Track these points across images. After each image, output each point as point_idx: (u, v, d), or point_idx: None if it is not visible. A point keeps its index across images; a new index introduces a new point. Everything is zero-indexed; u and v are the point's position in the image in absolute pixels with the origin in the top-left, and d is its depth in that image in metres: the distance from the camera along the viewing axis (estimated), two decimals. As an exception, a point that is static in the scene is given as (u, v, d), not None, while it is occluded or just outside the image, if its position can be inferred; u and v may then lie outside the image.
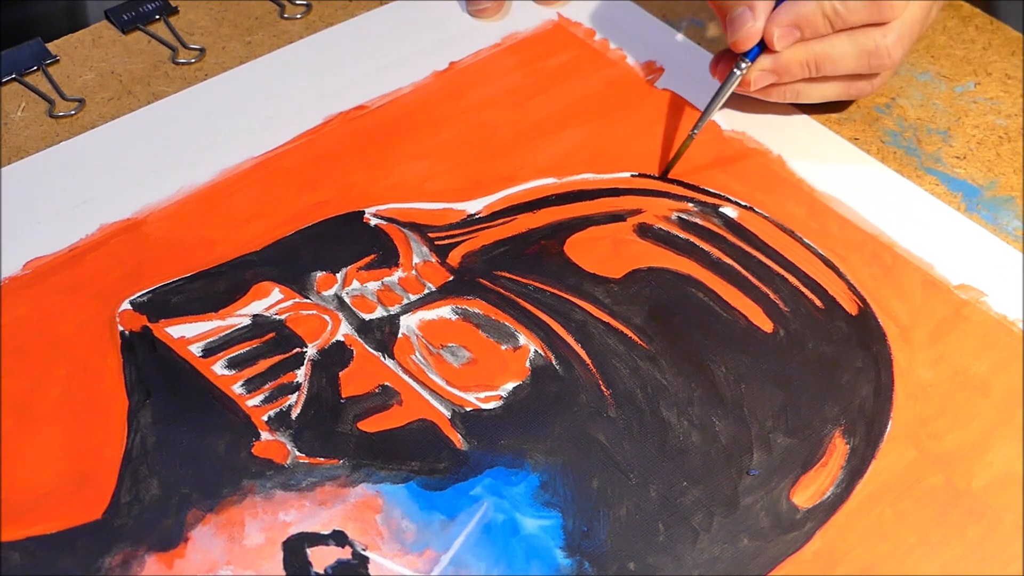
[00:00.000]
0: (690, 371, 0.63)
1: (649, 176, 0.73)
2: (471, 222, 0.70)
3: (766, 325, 0.66)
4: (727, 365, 0.64)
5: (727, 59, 0.73)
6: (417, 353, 0.63)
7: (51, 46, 0.78)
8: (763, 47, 0.72)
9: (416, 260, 0.67)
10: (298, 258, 0.67)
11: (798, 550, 0.58)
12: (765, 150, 0.75)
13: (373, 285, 0.66)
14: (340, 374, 0.62)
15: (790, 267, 0.68)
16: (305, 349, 0.63)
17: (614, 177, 0.73)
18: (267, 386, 0.61)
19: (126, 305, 0.64)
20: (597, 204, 0.71)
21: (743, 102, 0.77)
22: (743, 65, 0.72)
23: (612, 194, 0.72)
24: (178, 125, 0.74)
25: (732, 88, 0.72)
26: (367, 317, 0.65)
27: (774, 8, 0.71)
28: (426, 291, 0.66)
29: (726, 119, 0.76)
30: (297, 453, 0.59)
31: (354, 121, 0.75)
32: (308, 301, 0.65)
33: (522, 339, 0.64)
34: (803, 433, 0.62)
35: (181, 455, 0.59)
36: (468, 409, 0.61)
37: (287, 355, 0.63)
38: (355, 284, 0.66)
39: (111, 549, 0.55)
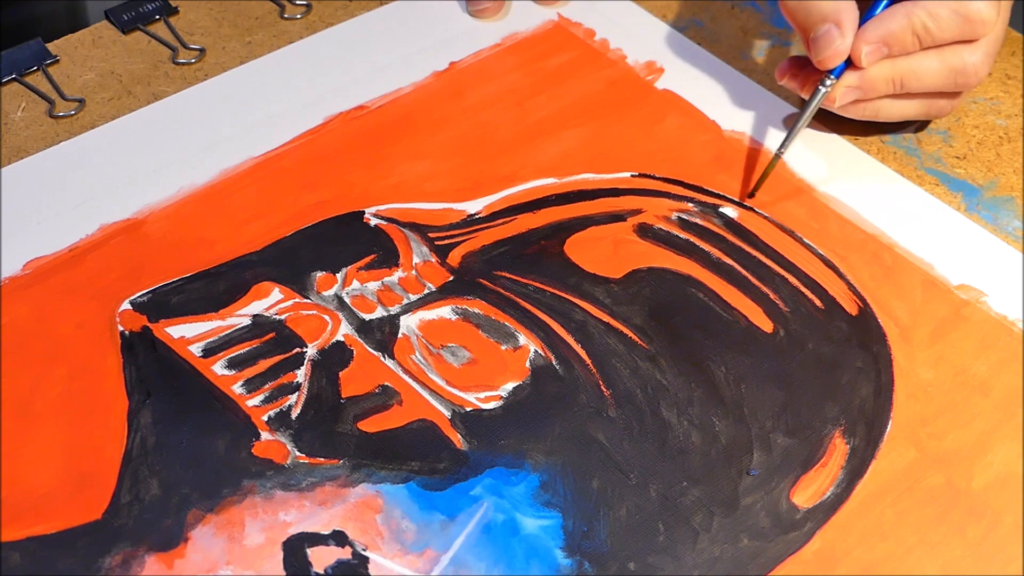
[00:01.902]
0: (690, 371, 0.63)
1: (649, 176, 0.73)
2: (471, 222, 0.70)
3: (766, 325, 0.66)
4: (727, 365, 0.64)
5: (797, 69, 0.73)
6: (417, 353, 0.63)
7: (51, 46, 0.78)
8: (848, 63, 0.71)
9: (416, 260, 0.67)
10: (298, 258, 0.67)
11: (798, 550, 0.58)
12: (765, 150, 0.75)
13: (373, 285, 0.66)
14: (340, 374, 0.62)
15: (790, 267, 0.68)
16: (305, 349, 0.63)
17: (614, 177, 0.73)
18: (267, 386, 0.61)
19: (126, 305, 0.64)
20: (597, 204, 0.71)
21: (742, 102, 0.77)
22: (828, 82, 0.71)
23: (612, 194, 0.72)
24: (178, 125, 0.74)
25: (817, 105, 0.72)
26: (367, 317, 0.65)
27: (860, 25, 0.70)
28: (426, 291, 0.66)
29: (726, 119, 0.76)
30: (297, 453, 0.59)
31: (354, 121, 0.75)
32: (308, 301, 0.65)
33: (522, 339, 0.64)
34: (803, 433, 0.62)
35: (181, 455, 0.59)
36: (468, 409, 0.61)
37: (287, 355, 0.63)
38: (355, 284, 0.66)
39: (111, 549, 0.56)
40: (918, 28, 0.69)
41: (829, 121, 0.76)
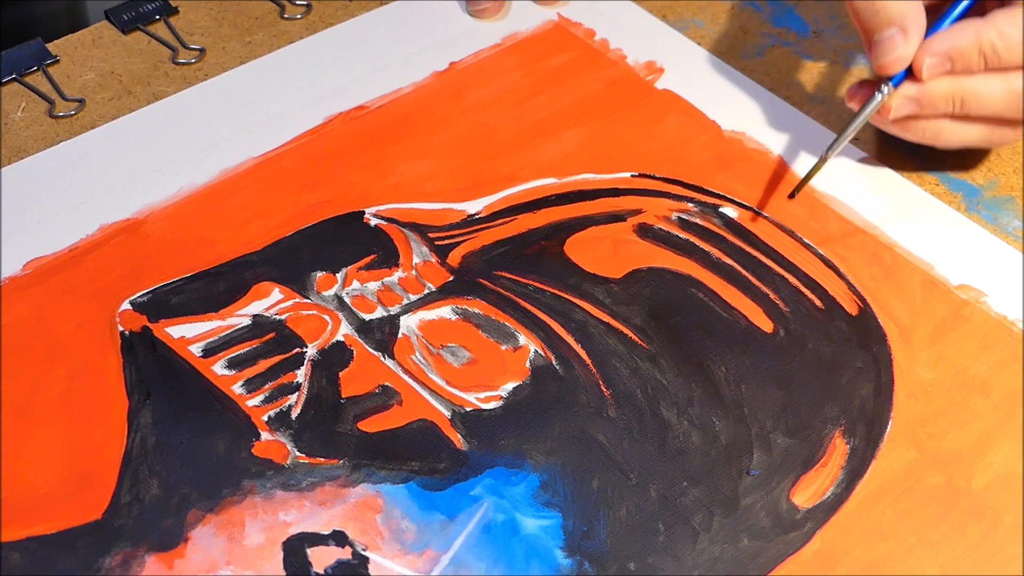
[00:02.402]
0: (690, 371, 0.63)
1: (649, 176, 0.73)
2: (471, 222, 0.70)
3: (766, 325, 0.66)
4: (727, 365, 0.64)
5: (867, 86, 0.70)
6: (417, 353, 0.63)
7: (51, 46, 0.78)
8: (908, 74, 0.68)
9: (416, 260, 0.67)
10: (298, 258, 0.67)
11: (798, 550, 0.58)
12: (765, 150, 0.75)
13: (373, 285, 0.66)
14: (340, 374, 0.62)
15: (790, 267, 0.68)
16: (305, 349, 0.63)
17: (614, 177, 0.73)
18: (267, 386, 0.61)
19: (126, 305, 0.64)
20: (597, 204, 0.71)
21: (742, 102, 0.77)
22: (885, 89, 0.69)
23: (612, 194, 0.72)
24: (178, 125, 0.74)
25: (871, 111, 0.69)
26: (367, 317, 0.65)
27: (927, 35, 0.68)
28: (426, 291, 0.66)
29: (726, 119, 0.76)
30: (297, 453, 0.59)
31: (354, 121, 0.75)
32: (308, 301, 0.65)
33: (522, 339, 0.64)
34: (803, 433, 0.62)
35: (181, 455, 0.59)
36: (468, 409, 0.61)
37: (287, 355, 0.63)
38: (355, 284, 0.66)
39: (111, 549, 0.55)
40: (986, 47, 0.67)
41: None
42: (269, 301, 0.65)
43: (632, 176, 0.73)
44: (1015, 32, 0.67)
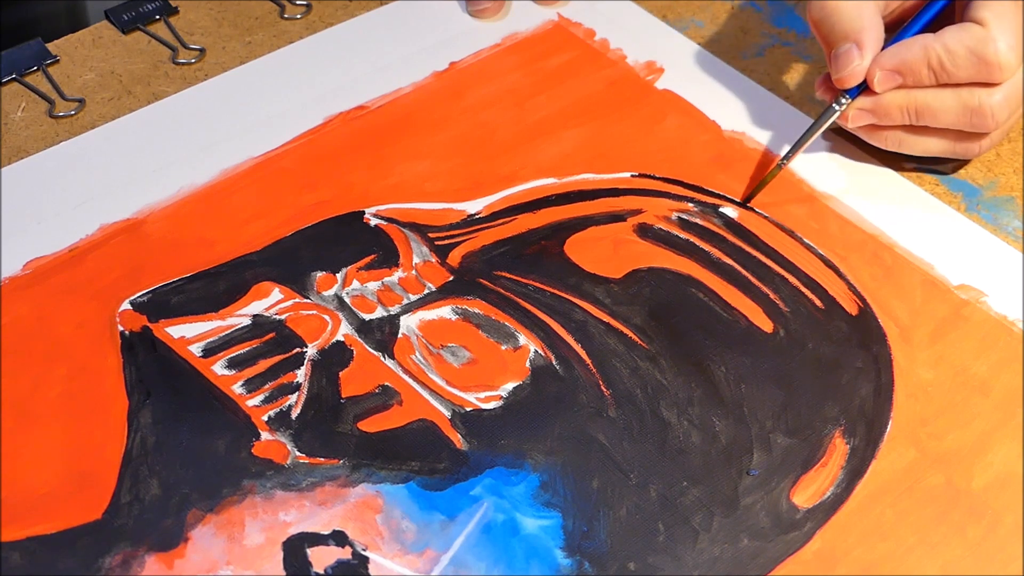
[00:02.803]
0: (690, 371, 0.63)
1: (649, 176, 0.73)
2: (471, 222, 0.70)
3: (766, 325, 0.66)
4: (727, 365, 0.64)
5: (831, 83, 0.72)
6: (417, 353, 0.63)
7: (51, 46, 0.78)
8: (865, 86, 0.70)
9: (416, 260, 0.67)
10: (298, 258, 0.67)
11: (798, 550, 0.58)
12: (765, 150, 0.75)
13: (373, 285, 0.66)
14: (340, 374, 0.62)
15: (790, 267, 0.68)
16: (305, 349, 0.63)
17: (614, 177, 0.73)
18: (267, 386, 0.61)
19: (126, 305, 0.64)
20: (597, 204, 0.71)
21: (742, 102, 0.77)
22: (843, 101, 0.71)
23: (612, 194, 0.72)
24: (178, 125, 0.74)
25: (829, 122, 0.71)
26: (367, 317, 0.65)
27: (883, 48, 0.70)
28: (426, 291, 0.66)
29: (726, 119, 0.76)
30: (297, 453, 0.59)
31: (354, 121, 0.75)
32: (308, 301, 0.65)
33: (522, 339, 0.64)
34: (803, 433, 0.62)
35: (181, 455, 0.59)
36: (468, 409, 0.61)
37: (287, 355, 0.63)
38: (355, 284, 0.66)
39: (111, 549, 0.55)
40: (933, 62, 0.68)
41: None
42: (269, 301, 0.65)
43: (632, 176, 0.73)
44: (960, 48, 0.68)
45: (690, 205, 0.71)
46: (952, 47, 0.68)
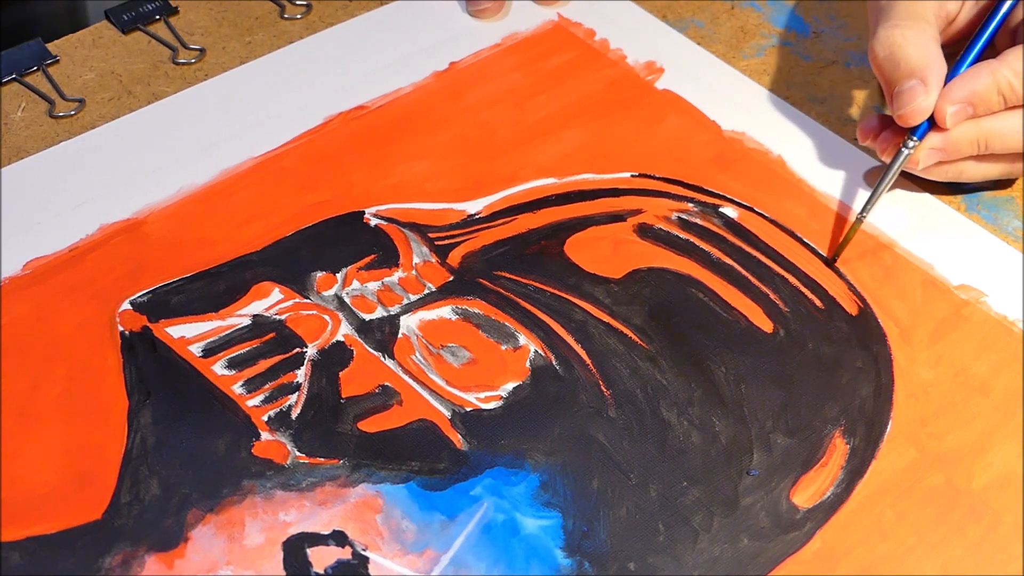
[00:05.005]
0: (690, 371, 0.63)
1: (649, 176, 0.73)
2: (471, 222, 0.70)
3: (766, 325, 0.66)
4: (727, 365, 0.64)
5: (880, 129, 0.71)
6: (417, 353, 0.63)
7: (51, 46, 0.78)
8: (931, 123, 0.69)
9: (416, 260, 0.67)
10: (298, 258, 0.67)
11: (798, 550, 0.58)
12: (765, 150, 0.75)
13: (373, 285, 0.66)
14: (340, 374, 0.62)
15: (790, 267, 0.68)
16: (305, 349, 0.63)
17: (614, 177, 0.73)
18: (267, 386, 0.61)
19: (126, 305, 0.64)
20: (597, 204, 0.71)
21: (742, 102, 0.77)
22: (911, 144, 0.69)
23: (612, 194, 0.72)
24: (178, 125, 0.74)
25: (900, 167, 0.69)
26: (367, 317, 0.65)
27: (945, 83, 0.68)
28: (426, 291, 0.66)
29: (726, 119, 0.76)
30: (297, 453, 0.59)
31: (354, 121, 0.75)
32: (308, 301, 0.65)
33: (522, 339, 0.64)
34: (803, 433, 0.62)
35: (181, 455, 0.59)
36: (468, 409, 0.61)
37: (287, 355, 0.63)
38: (355, 284, 0.66)
39: (111, 549, 0.56)
40: (1004, 87, 0.68)
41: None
42: (269, 301, 0.65)
43: (632, 176, 0.73)
44: None
45: (690, 205, 0.71)
46: (1020, 68, 0.67)
